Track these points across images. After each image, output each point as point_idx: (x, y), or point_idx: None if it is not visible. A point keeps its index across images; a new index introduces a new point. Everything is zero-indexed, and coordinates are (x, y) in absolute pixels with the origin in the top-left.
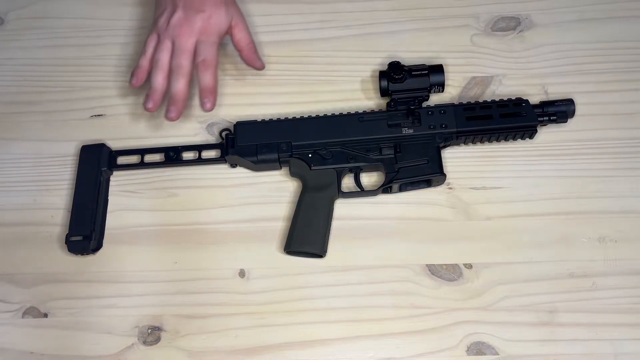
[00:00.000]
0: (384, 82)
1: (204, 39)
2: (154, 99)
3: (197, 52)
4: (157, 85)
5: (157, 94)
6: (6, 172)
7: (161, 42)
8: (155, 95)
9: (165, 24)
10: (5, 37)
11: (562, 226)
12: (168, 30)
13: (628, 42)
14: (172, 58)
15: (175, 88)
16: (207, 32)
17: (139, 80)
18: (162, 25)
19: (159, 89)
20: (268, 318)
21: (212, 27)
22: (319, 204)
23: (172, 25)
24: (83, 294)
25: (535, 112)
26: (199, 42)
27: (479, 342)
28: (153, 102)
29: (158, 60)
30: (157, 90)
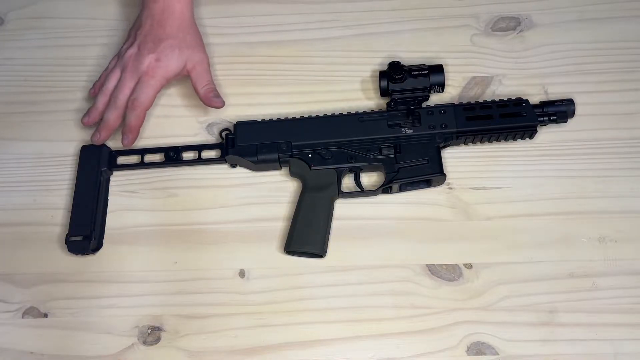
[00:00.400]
0: (384, 82)
1: (145, 79)
2: (92, 117)
3: (133, 90)
4: (98, 105)
5: (96, 114)
6: (6, 172)
7: (114, 69)
8: (93, 114)
9: (123, 54)
10: (5, 37)
11: (562, 226)
12: (120, 61)
13: (628, 42)
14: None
15: (106, 117)
16: (150, 74)
17: (90, 120)
18: (121, 54)
19: (100, 110)
20: (268, 318)
21: (158, 70)
22: (319, 204)
23: (125, 58)
24: (83, 294)
25: (535, 112)
26: (139, 82)
27: (479, 342)
28: (88, 118)
29: (105, 86)
30: (97, 110)
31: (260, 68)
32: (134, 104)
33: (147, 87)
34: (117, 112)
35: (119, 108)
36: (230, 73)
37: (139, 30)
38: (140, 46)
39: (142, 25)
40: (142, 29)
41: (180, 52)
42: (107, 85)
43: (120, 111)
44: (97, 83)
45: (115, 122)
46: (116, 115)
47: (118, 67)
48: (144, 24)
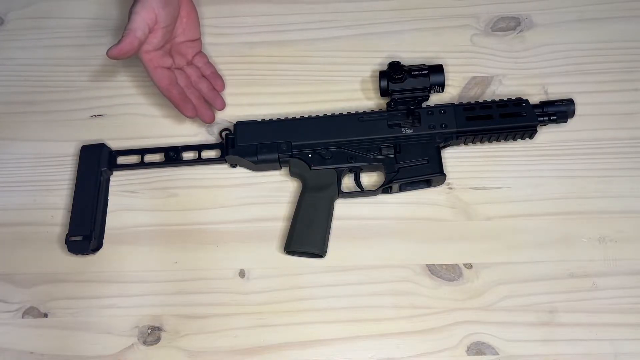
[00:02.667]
0: (384, 82)
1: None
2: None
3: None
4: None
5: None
6: (6, 172)
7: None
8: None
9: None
10: (5, 37)
11: (562, 226)
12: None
13: (628, 42)
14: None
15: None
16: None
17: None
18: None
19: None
20: (268, 318)
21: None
22: (319, 204)
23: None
24: (83, 294)
25: (535, 112)
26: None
27: (479, 342)
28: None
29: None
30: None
31: (260, 68)
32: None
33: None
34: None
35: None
36: (230, 73)
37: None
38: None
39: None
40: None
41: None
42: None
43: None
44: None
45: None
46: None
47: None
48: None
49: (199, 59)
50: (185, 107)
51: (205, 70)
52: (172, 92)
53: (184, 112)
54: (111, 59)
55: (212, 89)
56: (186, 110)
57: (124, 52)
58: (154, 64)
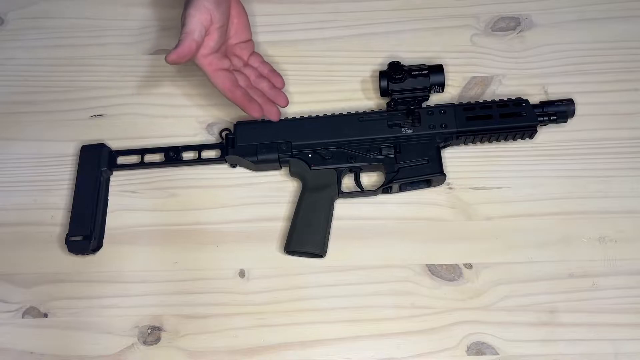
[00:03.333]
0: (384, 82)
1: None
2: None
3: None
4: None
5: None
6: (6, 172)
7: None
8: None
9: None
10: (5, 37)
11: (562, 226)
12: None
13: (628, 42)
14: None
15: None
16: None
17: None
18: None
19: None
20: (268, 318)
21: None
22: (319, 204)
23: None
24: (83, 294)
25: (535, 112)
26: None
27: (479, 342)
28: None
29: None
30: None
31: None
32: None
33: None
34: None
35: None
36: None
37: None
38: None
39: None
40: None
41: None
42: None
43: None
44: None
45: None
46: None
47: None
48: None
49: (254, 59)
50: (252, 107)
51: (262, 70)
52: (236, 94)
53: (251, 112)
54: (170, 64)
55: (272, 87)
56: (253, 111)
57: (183, 56)
58: (213, 67)
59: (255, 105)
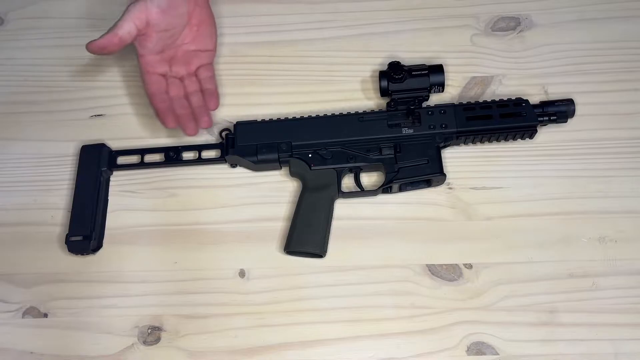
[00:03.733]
0: (384, 82)
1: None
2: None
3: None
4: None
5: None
6: (6, 172)
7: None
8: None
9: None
10: (5, 37)
11: (562, 226)
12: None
13: (628, 42)
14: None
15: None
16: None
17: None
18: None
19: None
20: (268, 318)
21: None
22: (319, 204)
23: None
24: (83, 294)
25: (535, 112)
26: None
27: (479, 342)
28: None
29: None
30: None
31: (260, 68)
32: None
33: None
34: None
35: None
36: (230, 73)
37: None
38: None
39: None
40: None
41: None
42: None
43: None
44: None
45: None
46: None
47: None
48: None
49: (203, 71)
50: (166, 118)
51: (204, 85)
52: (156, 100)
53: (164, 122)
54: (90, 52)
55: (202, 105)
56: (166, 121)
57: (101, 48)
58: (147, 68)
59: (169, 117)
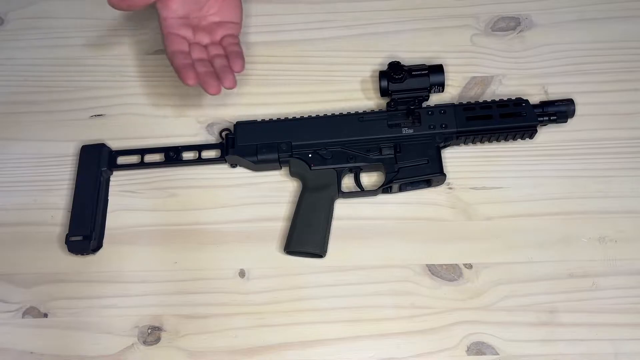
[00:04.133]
0: (384, 82)
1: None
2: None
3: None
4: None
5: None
6: (6, 172)
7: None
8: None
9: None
10: (5, 37)
11: (562, 226)
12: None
13: (628, 42)
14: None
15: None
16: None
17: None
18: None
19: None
20: (268, 318)
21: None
22: (319, 204)
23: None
24: (83, 294)
25: (535, 112)
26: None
27: (479, 342)
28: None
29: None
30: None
31: (260, 68)
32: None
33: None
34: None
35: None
36: None
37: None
38: None
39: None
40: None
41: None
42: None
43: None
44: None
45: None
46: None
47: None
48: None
49: (228, 39)
50: (186, 74)
51: (228, 49)
52: (177, 58)
53: (185, 78)
54: (111, 6)
55: (226, 65)
56: (187, 78)
57: (122, 1)
58: (168, 30)
59: (190, 73)
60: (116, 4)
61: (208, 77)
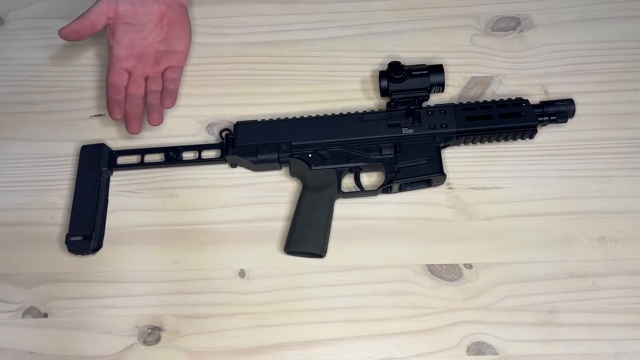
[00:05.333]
0: (384, 82)
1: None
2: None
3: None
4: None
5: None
6: (6, 172)
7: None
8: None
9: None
10: (5, 37)
11: (562, 226)
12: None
13: (628, 42)
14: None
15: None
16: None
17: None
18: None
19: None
20: (268, 318)
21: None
22: (319, 204)
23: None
24: (83, 294)
25: (535, 112)
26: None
27: (479, 342)
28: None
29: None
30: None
31: (260, 68)
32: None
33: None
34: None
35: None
36: (230, 73)
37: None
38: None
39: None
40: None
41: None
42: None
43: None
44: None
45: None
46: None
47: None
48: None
49: (170, 73)
50: (113, 108)
51: (166, 84)
52: (111, 91)
53: (111, 112)
54: (63, 38)
55: (156, 103)
56: (113, 112)
57: (73, 32)
58: (114, 61)
59: (117, 109)
60: (68, 36)
61: (131, 117)
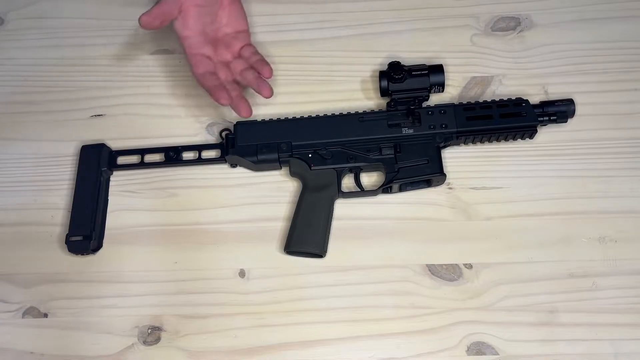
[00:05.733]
0: (384, 82)
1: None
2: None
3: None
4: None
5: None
6: (6, 172)
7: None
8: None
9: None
10: (5, 37)
11: (562, 226)
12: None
13: (628, 42)
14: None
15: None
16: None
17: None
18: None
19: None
20: (268, 318)
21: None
22: (319, 204)
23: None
24: (83, 294)
25: (535, 112)
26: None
27: (479, 342)
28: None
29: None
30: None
31: None
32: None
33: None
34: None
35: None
36: None
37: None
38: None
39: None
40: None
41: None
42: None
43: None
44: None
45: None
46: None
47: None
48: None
49: (246, 50)
50: (219, 94)
51: (252, 60)
52: (206, 80)
53: (218, 99)
54: (143, 26)
55: (258, 77)
56: (220, 98)
57: (155, 17)
58: (191, 50)
59: (224, 93)
60: (147, 22)
61: (240, 100)
